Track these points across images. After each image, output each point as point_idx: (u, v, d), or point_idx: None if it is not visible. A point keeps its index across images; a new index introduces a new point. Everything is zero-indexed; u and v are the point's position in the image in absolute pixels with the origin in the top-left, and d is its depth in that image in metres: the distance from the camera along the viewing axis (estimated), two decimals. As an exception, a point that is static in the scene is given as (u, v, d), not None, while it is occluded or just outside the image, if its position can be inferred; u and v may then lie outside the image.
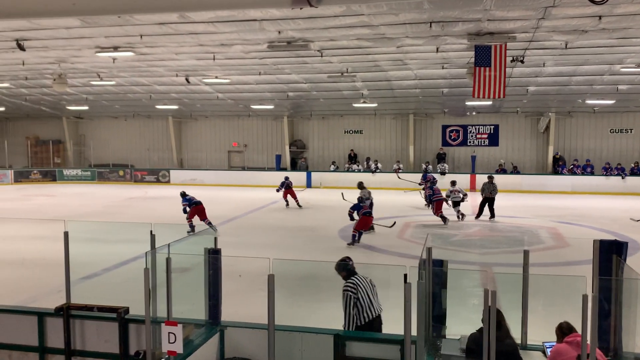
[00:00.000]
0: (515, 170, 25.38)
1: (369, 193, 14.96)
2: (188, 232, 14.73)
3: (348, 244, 12.21)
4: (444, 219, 15.15)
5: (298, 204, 18.94)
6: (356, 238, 12.29)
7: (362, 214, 12.71)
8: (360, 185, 15.57)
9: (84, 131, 31.89)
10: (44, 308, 5.94)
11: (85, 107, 27.09)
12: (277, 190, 19.34)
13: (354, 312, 5.34)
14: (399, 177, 22.87)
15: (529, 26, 12.51)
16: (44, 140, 31.42)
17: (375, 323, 5.41)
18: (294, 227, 15.04)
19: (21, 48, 14.43)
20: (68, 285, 5.73)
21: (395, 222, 14.36)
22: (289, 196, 19.04)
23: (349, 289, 5.39)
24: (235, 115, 28.86)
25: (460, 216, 15.82)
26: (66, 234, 5.70)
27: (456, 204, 16.18)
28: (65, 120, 30.61)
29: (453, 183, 16.89)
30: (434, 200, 15.59)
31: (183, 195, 14.27)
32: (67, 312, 5.51)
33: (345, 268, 5.55)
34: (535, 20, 12.08)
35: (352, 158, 27.56)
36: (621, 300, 4.38)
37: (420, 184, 20.09)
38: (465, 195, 16.35)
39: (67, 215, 15.52)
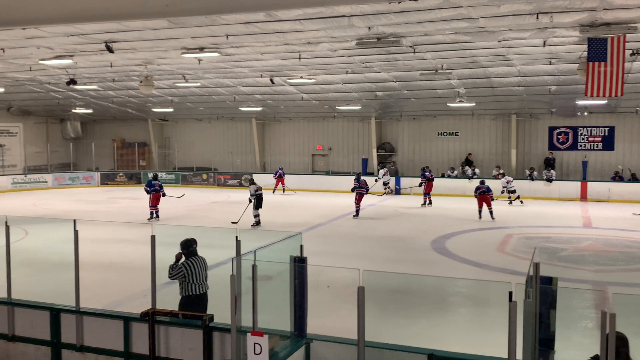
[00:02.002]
0: (634, 178, 23.83)
1: (260, 188, 17.17)
2: (148, 219, 15.84)
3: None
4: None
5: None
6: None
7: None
8: (251, 181, 17.86)
9: (168, 134, 33.48)
10: (129, 313, 6.27)
11: (170, 110, 28.45)
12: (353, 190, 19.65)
13: (187, 286, 6.82)
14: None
15: (654, 14, 11.75)
16: (130, 143, 33.29)
17: (204, 298, 6.95)
18: (381, 236, 14.97)
19: (110, 50, 15.37)
20: (154, 290, 6.03)
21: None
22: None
23: (184, 266, 6.84)
24: (319, 116, 29.19)
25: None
26: (153, 238, 6.00)
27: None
28: (151, 123, 32.26)
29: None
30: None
31: (153, 178, 16.67)
32: (152, 318, 5.79)
33: (188, 248, 7.02)
34: (661, 8, 11.34)
35: (469, 162, 26.76)
36: None
37: (420, 185, 22.41)
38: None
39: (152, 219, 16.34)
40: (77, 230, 6.39)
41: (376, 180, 24.94)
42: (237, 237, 5.16)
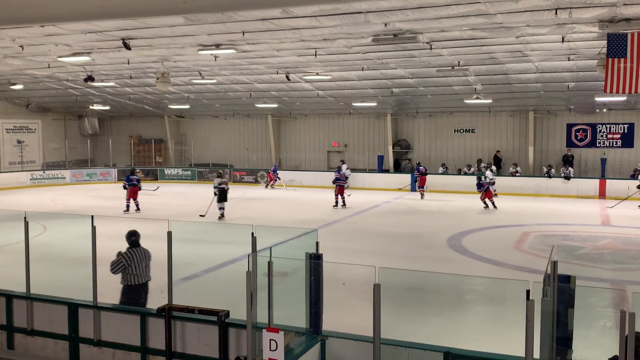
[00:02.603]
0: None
1: (225, 182, 17.69)
2: (124, 211, 17.30)
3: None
4: None
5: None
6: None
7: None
8: (218, 174, 18.72)
9: (184, 130, 33.66)
10: (146, 308, 6.33)
11: (187, 106, 28.60)
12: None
13: (128, 275, 7.06)
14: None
15: (675, 9, 11.57)
16: (146, 139, 33.53)
17: (145, 288, 7.17)
18: (397, 233, 14.94)
19: (127, 47, 15.48)
20: (170, 286, 6.07)
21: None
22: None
23: (124, 256, 7.09)
24: (335, 113, 29.16)
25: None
26: (169, 234, 6.04)
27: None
28: (167, 119, 32.47)
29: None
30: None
31: (131, 173, 17.16)
32: (168, 314, 5.84)
33: (130, 238, 7.29)
34: (683, 2, 11.15)
35: (498, 160, 26.38)
36: None
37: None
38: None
39: (168, 215, 16.42)
40: (95, 226, 6.46)
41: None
42: (252, 233, 5.17)
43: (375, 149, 28.89)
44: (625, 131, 24.65)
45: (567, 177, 23.95)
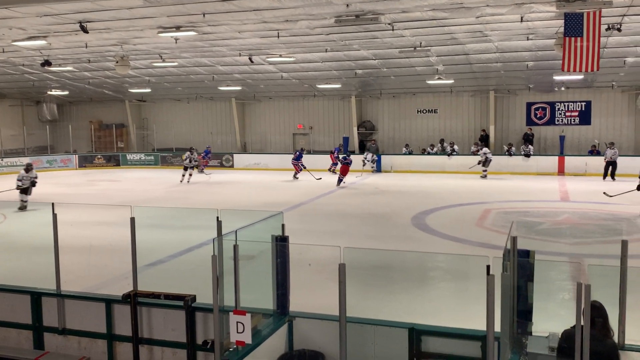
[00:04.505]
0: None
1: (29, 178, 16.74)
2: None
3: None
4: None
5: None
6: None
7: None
8: (27, 167, 17.25)
9: (146, 115, 33.11)
10: (111, 295, 6.26)
11: (148, 90, 28.10)
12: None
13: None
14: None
15: (629, -11, 11.84)
16: (107, 125, 32.90)
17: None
18: (363, 213, 15.05)
19: (84, 30, 15.08)
20: (135, 272, 6.01)
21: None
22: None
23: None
24: (300, 95, 29.06)
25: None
26: (132, 220, 5.97)
27: None
28: (128, 104, 31.87)
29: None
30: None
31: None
32: (134, 300, 5.79)
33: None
34: (636, -18, 11.41)
35: (484, 139, 26.35)
36: None
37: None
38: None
39: (131, 201, 16.24)
40: (56, 213, 6.33)
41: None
42: (218, 217, 5.15)
43: (340, 131, 28.95)
44: (583, 109, 25.23)
45: (527, 155, 24.45)
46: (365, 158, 24.97)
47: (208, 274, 4.46)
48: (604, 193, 15.72)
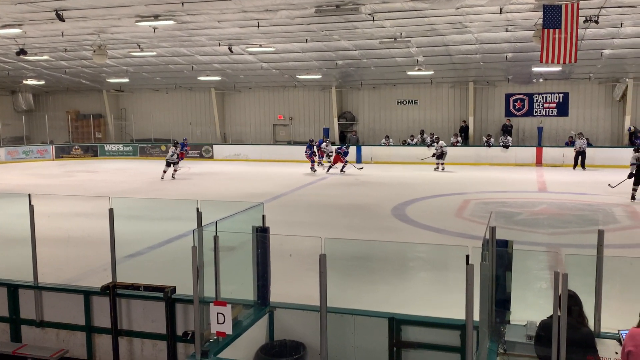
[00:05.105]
0: (587, 143, 24.54)
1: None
2: None
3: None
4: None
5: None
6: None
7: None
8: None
9: (124, 105, 32.73)
10: (90, 287, 6.20)
11: (126, 80, 27.76)
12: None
13: None
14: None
15: (606, -19, 11.97)
16: (85, 115, 32.45)
17: None
18: (344, 204, 15.09)
19: (60, 18, 14.83)
20: (114, 263, 5.95)
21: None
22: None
23: None
24: (280, 86, 28.96)
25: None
26: (111, 211, 5.91)
27: None
28: (106, 94, 31.47)
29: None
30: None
31: None
32: (113, 291, 5.74)
33: None
34: (613, -25, 11.54)
35: (464, 130, 26.70)
36: None
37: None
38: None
39: (109, 192, 16.08)
40: (33, 204, 6.24)
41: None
42: (197, 208, 5.12)
43: (320, 122, 28.93)
44: (561, 100, 25.51)
45: (506, 146, 24.69)
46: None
47: (188, 266, 4.43)
48: (609, 185, 15.80)
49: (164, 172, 20.44)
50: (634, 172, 14.86)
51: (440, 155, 22.82)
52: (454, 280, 3.98)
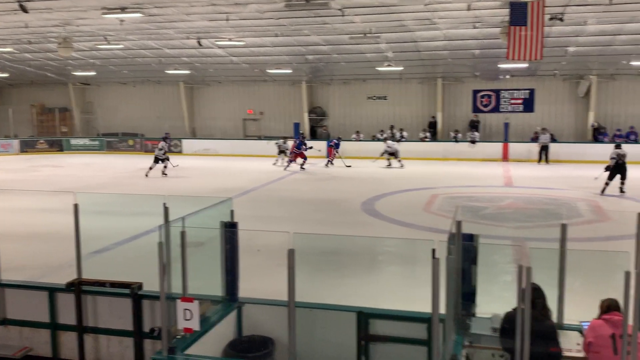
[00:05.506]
0: (552, 138, 25.02)
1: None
2: None
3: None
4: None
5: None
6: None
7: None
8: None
9: (91, 98, 32.14)
10: (54, 283, 6.08)
11: (92, 73, 27.24)
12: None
13: None
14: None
15: (571, -20, 12.19)
16: (50, 108, 31.78)
17: None
18: (314, 199, 15.10)
19: (24, 10, 14.48)
20: (79, 259, 5.85)
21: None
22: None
23: None
24: (250, 80, 28.78)
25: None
26: (76, 207, 5.80)
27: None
28: (72, 87, 30.86)
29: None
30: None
31: None
32: (78, 288, 5.65)
33: None
34: (578, -26, 11.76)
35: (433, 125, 26.83)
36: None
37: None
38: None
39: (75, 187, 15.78)
40: (-6, 200, 6.09)
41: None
42: (164, 203, 5.06)
43: (291, 117, 28.84)
44: (527, 97, 25.91)
45: (473, 141, 25.01)
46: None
47: (155, 262, 4.38)
48: (595, 178, 15.85)
49: (150, 168, 19.40)
50: (611, 166, 15.13)
51: (393, 154, 22.70)
52: (422, 274, 4.02)
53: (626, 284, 3.31)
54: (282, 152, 22.73)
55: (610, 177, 15.06)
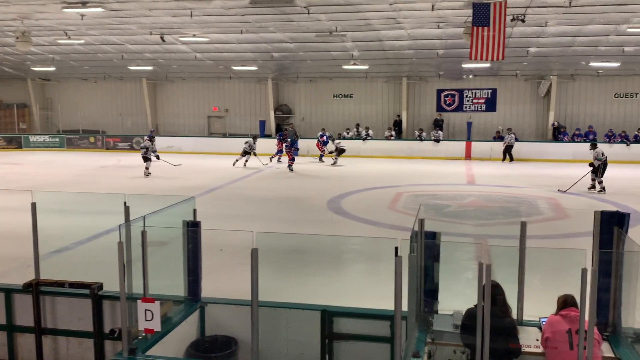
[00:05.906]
0: (515, 138, 25.46)
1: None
2: None
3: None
4: None
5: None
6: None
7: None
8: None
9: (51, 94, 31.40)
10: (11, 284, 5.93)
11: (52, 68, 26.61)
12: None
13: None
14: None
15: (531, -18, 12.43)
16: (8, 104, 30.90)
17: None
18: (279, 197, 15.07)
19: (-21, 2, 14.08)
20: (37, 259, 5.71)
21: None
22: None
23: None
24: (215, 77, 28.52)
25: None
26: (33, 205, 5.66)
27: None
28: (31, 83, 30.08)
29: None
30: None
31: None
32: (36, 289, 5.51)
33: None
34: (538, -24, 11.99)
35: (398, 124, 26.99)
36: (621, 274, 4.45)
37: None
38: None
39: (34, 185, 15.42)
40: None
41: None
42: (125, 202, 4.98)
43: (256, 114, 28.71)
44: (489, 96, 26.36)
45: (437, 140, 25.30)
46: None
47: (116, 261, 4.31)
48: (584, 175, 16.09)
49: (147, 168, 18.94)
50: (596, 166, 15.52)
51: (339, 152, 23.00)
52: (386, 272, 4.04)
53: (583, 281, 3.39)
54: (247, 153, 21.90)
55: (601, 175, 15.49)
